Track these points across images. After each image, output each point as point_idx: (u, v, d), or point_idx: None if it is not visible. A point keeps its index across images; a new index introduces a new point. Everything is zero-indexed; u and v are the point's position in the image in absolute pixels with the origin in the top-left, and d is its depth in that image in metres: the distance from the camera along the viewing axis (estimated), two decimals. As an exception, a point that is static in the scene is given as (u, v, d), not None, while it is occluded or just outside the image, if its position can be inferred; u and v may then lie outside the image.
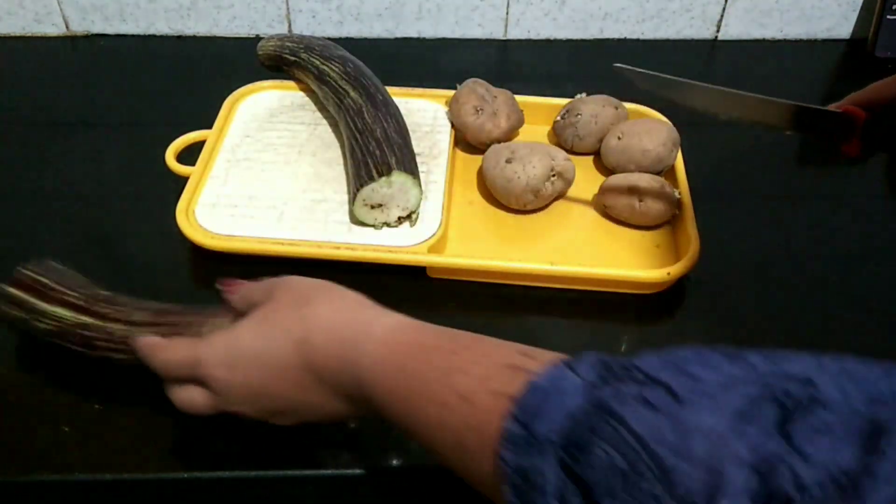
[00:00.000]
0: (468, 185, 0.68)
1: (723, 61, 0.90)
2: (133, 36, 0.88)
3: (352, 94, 0.65)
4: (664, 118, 0.72)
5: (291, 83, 0.75)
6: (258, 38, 0.88)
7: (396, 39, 0.90)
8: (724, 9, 0.89)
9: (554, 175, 0.63)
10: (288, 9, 0.87)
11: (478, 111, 0.68)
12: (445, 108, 0.72)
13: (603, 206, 0.65)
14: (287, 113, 0.72)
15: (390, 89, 0.70)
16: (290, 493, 0.48)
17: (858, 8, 0.90)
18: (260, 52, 0.76)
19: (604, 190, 0.64)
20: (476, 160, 0.68)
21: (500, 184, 0.63)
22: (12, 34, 0.87)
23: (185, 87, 0.81)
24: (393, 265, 0.58)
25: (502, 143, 0.66)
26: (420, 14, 0.88)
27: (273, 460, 0.47)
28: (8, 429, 0.48)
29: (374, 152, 0.59)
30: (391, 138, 0.60)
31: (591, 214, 0.66)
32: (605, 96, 0.71)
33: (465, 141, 0.70)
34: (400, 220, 0.60)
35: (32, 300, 0.49)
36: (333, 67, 0.68)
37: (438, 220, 0.61)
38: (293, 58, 0.72)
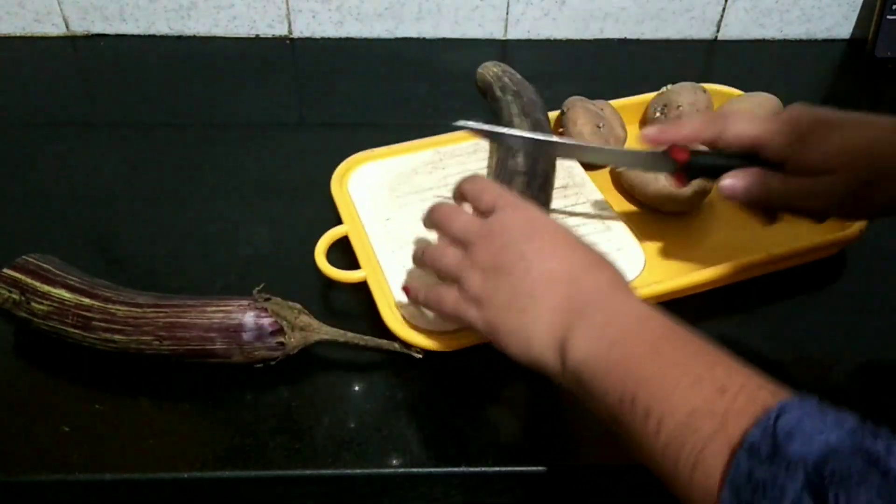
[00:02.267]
0: (613, 203, 0.65)
1: (723, 61, 0.90)
2: (133, 36, 0.88)
3: (517, 161, 0.60)
4: (761, 92, 0.71)
5: (382, 150, 0.69)
6: (258, 38, 0.89)
7: (396, 39, 0.90)
8: (724, 9, 0.89)
9: None
10: (288, 9, 0.87)
11: (599, 128, 0.67)
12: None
13: None
14: (405, 182, 0.66)
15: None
16: (290, 493, 0.48)
17: (858, 8, 0.90)
18: (478, 75, 0.72)
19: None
20: (599, 175, 0.67)
21: (667, 191, 0.62)
22: (12, 34, 0.87)
23: (185, 88, 0.81)
24: None
25: None
26: (420, 14, 0.88)
27: (273, 460, 0.47)
28: (8, 428, 0.48)
29: None
30: None
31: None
32: (690, 83, 0.72)
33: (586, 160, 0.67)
34: None
35: (33, 282, 0.50)
36: (521, 126, 0.64)
37: (637, 248, 0.59)
38: (500, 94, 0.69)
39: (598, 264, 0.44)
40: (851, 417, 0.30)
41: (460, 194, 0.49)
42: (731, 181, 0.50)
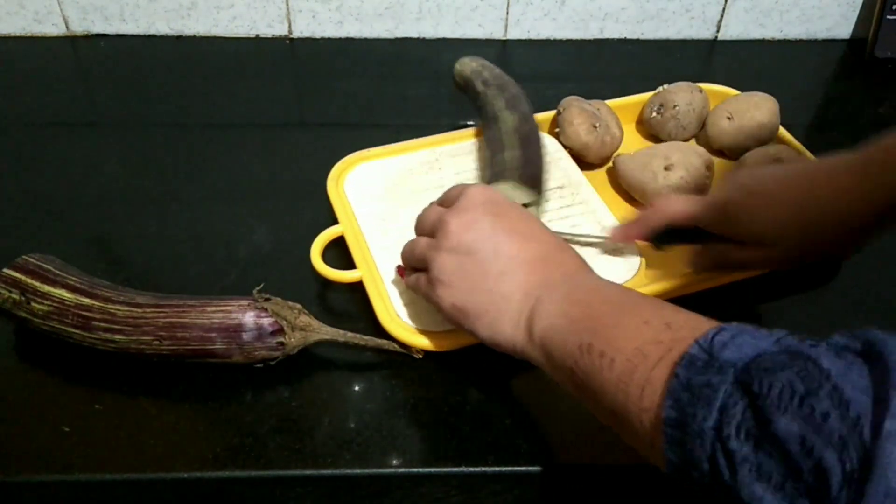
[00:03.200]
0: (610, 202, 0.65)
1: (723, 61, 0.90)
2: (133, 36, 0.88)
3: (507, 155, 0.61)
4: (758, 92, 0.71)
5: (379, 150, 0.68)
6: (258, 38, 0.89)
7: (396, 39, 0.90)
8: (724, 9, 0.89)
9: (708, 169, 0.63)
10: (288, 9, 0.87)
11: (595, 128, 0.67)
12: (545, 133, 0.70)
13: None
14: (401, 182, 0.66)
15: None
16: (290, 493, 0.48)
17: (858, 8, 0.90)
18: (456, 71, 0.71)
19: (749, 167, 0.64)
20: (597, 175, 0.67)
21: (666, 191, 0.62)
22: (12, 34, 0.87)
23: (185, 88, 0.81)
24: None
25: (643, 153, 0.65)
26: (420, 14, 0.88)
27: (273, 460, 0.47)
28: (8, 428, 0.49)
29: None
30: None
31: None
32: (686, 83, 0.72)
33: (583, 161, 0.68)
34: None
35: (33, 282, 0.50)
36: (509, 119, 0.64)
37: (634, 248, 0.59)
38: (482, 88, 0.68)
39: (564, 247, 0.46)
40: (782, 332, 0.32)
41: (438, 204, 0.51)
42: (696, 262, 0.55)
